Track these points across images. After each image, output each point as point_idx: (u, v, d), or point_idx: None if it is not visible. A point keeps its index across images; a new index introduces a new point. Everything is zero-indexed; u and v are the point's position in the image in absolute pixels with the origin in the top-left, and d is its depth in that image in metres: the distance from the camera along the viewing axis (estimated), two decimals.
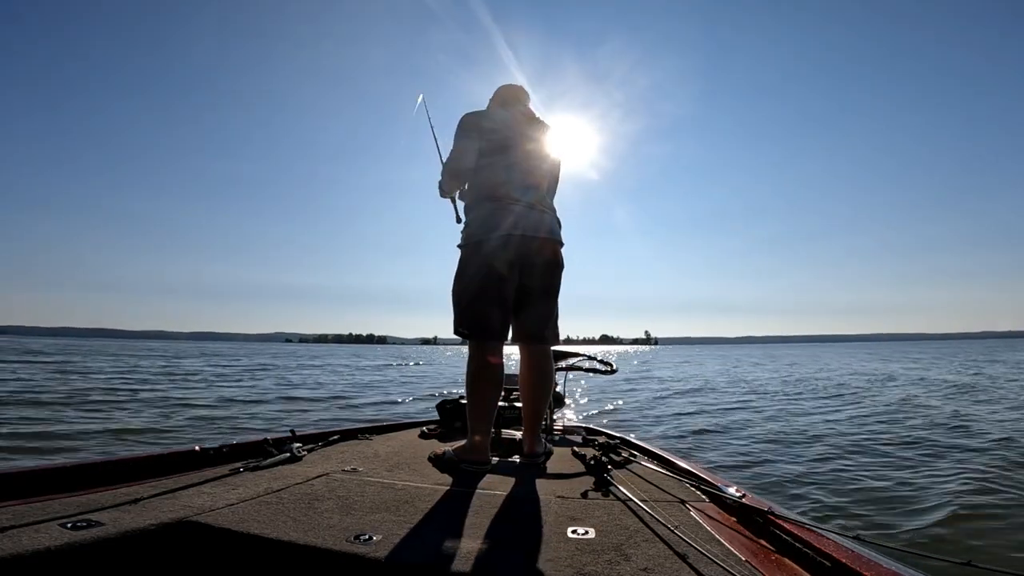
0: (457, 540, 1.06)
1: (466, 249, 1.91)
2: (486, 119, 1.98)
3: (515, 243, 1.84)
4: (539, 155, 2.00)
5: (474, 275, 1.86)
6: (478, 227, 1.87)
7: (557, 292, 1.99)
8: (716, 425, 6.35)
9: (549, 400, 2.04)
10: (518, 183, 1.90)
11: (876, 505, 3.16)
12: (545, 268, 1.93)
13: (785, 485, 3.60)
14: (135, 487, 1.31)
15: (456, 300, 1.90)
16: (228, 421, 6.53)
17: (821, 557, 0.94)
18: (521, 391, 2.00)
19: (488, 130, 1.94)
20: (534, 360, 1.95)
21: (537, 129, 2.04)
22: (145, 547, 1.01)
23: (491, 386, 1.83)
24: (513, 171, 1.91)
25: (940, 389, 10.54)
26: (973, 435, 5.33)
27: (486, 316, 1.83)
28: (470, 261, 1.88)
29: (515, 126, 1.98)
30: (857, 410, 7.58)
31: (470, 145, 1.92)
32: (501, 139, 1.93)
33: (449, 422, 2.60)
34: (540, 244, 1.89)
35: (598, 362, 2.97)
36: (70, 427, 5.53)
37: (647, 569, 0.93)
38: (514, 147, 1.94)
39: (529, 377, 1.94)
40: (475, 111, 1.99)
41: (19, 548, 0.86)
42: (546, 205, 1.98)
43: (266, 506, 1.22)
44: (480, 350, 1.83)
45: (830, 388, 11.31)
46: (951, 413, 6.83)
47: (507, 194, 1.87)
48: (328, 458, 1.79)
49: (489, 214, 1.86)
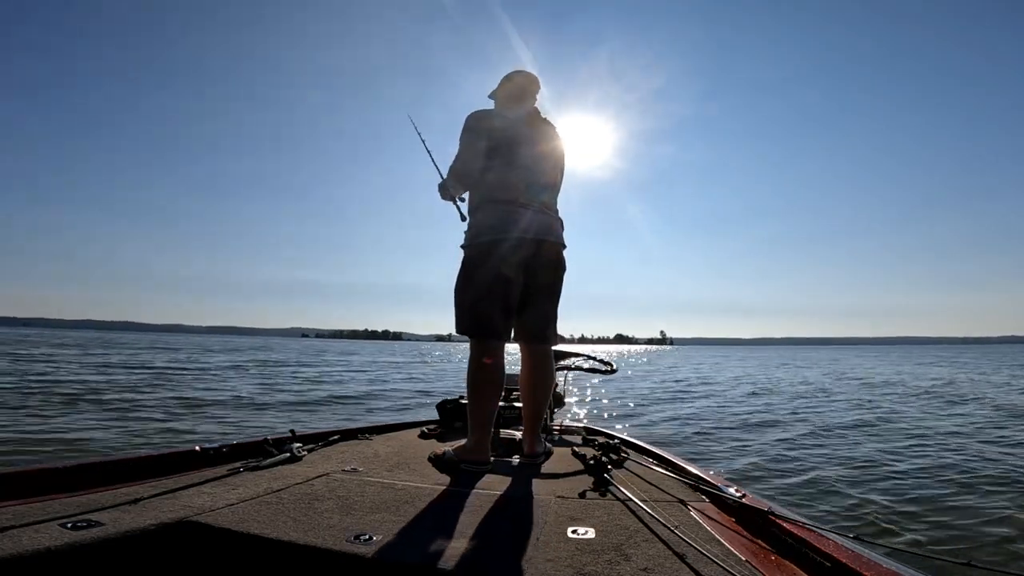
0: (457, 540, 1.06)
1: (471, 250, 1.89)
2: (493, 119, 1.95)
3: (525, 246, 1.84)
4: (546, 156, 1.99)
5: (481, 277, 1.85)
6: (486, 229, 1.86)
7: (558, 293, 1.99)
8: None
9: (549, 400, 2.04)
10: (526, 185, 1.89)
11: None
12: (549, 270, 1.93)
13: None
14: (135, 487, 1.31)
15: (459, 300, 1.89)
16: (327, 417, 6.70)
17: (821, 557, 0.94)
18: (521, 391, 2.00)
19: (495, 130, 1.91)
20: (536, 360, 1.95)
21: (544, 129, 2.03)
22: (145, 547, 1.01)
23: (492, 386, 1.83)
24: (520, 173, 1.89)
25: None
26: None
27: (490, 317, 1.83)
28: (477, 263, 1.87)
29: (523, 127, 1.96)
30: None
31: (477, 147, 1.90)
32: (508, 140, 1.91)
33: (449, 422, 2.60)
34: (547, 247, 1.90)
35: (598, 362, 2.97)
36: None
37: (647, 569, 0.93)
38: (521, 148, 1.92)
39: (530, 377, 1.94)
40: (481, 110, 1.97)
41: (19, 548, 0.86)
42: (551, 207, 1.97)
43: (266, 506, 1.22)
44: (482, 351, 1.83)
45: (948, 399, 9.68)
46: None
47: (515, 197, 1.87)
48: (328, 458, 1.79)
49: (497, 216, 1.85)
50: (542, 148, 1.98)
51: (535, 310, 1.93)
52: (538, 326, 1.94)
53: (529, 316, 1.92)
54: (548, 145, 2.01)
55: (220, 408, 7.27)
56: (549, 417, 2.70)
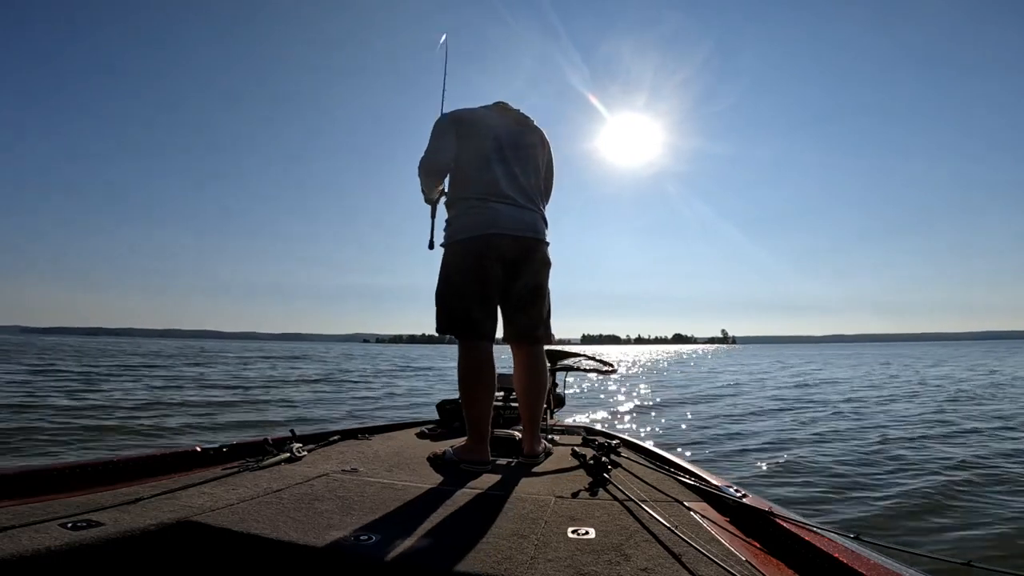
0: (457, 540, 1.06)
1: (449, 248, 1.88)
2: (462, 113, 1.94)
3: (498, 242, 1.81)
4: (525, 153, 1.95)
5: (459, 276, 1.84)
6: (463, 227, 1.84)
7: (544, 291, 1.97)
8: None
9: (545, 399, 2.03)
10: (502, 181, 1.86)
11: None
12: (532, 268, 1.90)
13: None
14: (135, 487, 1.31)
15: (439, 300, 1.88)
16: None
17: (821, 557, 0.94)
18: (516, 392, 1.99)
19: (468, 124, 1.90)
20: (526, 361, 1.94)
21: (524, 127, 2.00)
22: (145, 547, 1.01)
23: (482, 386, 1.81)
24: (496, 168, 1.86)
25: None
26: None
27: (469, 316, 1.81)
28: (454, 261, 1.85)
29: (499, 124, 1.93)
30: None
31: (447, 141, 1.88)
32: (484, 135, 1.89)
33: (449, 422, 2.60)
34: (525, 243, 1.87)
35: (598, 362, 2.97)
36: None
37: (647, 569, 0.93)
38: (498, 144, 1.89)
39: (522, 378, 1.94)
40: (456, 109, 1.96)
41: (19, 548, 0.86)
42: (533, 204, 1.93)
43: (266, 506, 1.22)
44: (467, 350, 1.82)
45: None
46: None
47: (490, 192, 1.84)
48: (328, 458, 1.79)
49: (473, 213, 1.83)
50: (521, 144, 1.95)
51: (521, 310, 1.91)
52: (526, 326, 1.92)
53: (516, 316, 1.91)
54: (525, 139, 1.97)
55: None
56: (549, 417, 2.70)
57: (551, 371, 2.85)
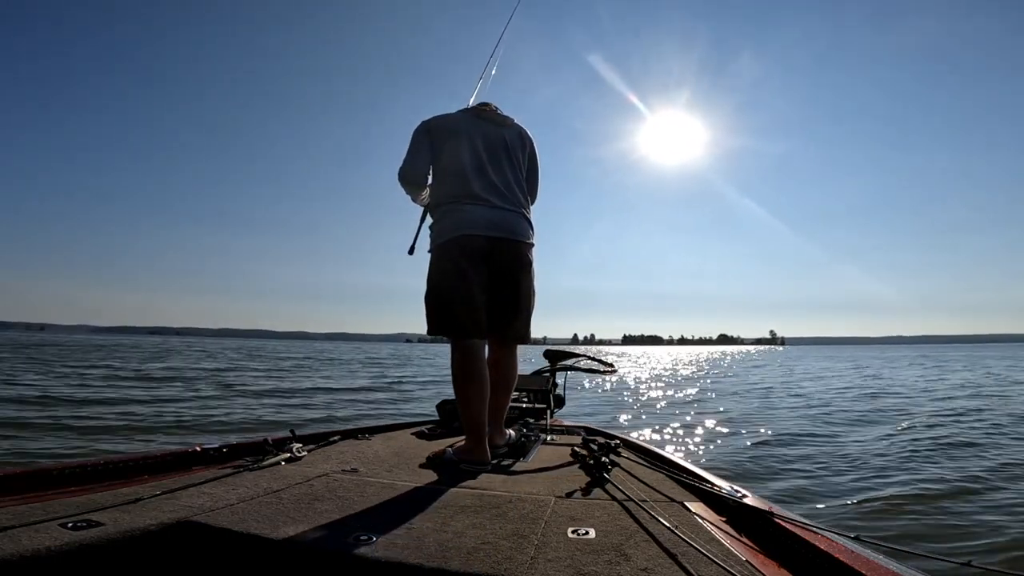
0: (457, 540, 1.06)
1: (434, 253, 1.93)
2: (440, 121, 1.99)
3: (471, 243, 1.85)
4: (502, 154, 1.98)
5: (439, 276, 1.88)
6: (439, 230, 1.90)
7: (520, 291, 1.98)
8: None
9: (511, 395, 2.09)
10: (475, 183, 1.90)
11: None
12: (512, 268, 1.94)
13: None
14: (135, 487, 1.31)
15: (425, 303, 1.93)
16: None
17: (821, 557, 0.94)
18: (489, 386, 2.02)
19: (442, 130, 1.95)
20: (492, 357, 1.98)
21: (502, 127, 2.03)
22: (145, 547, 1.01)
23: (475, 386, 1.84)
24: (470, 171, 1.90)
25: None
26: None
27: (454, 317, 1.85)
28: (436, 263, 1.91)
29: (474, 127, 1.97)
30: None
31: (420, 148, 1.95)
32: (458, 140, 1.93)
33: (449, 422, 2.60)
34: (499, 243, 1.90)
35: (598, 362, 2.97)
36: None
37: (647, 569, 0.93)
38: (472, 147, 1.93)
39: (491, 374, 1.96)
40: (431, 117, 2.02)
41: (19, 548, 0.86)
42: (510, 204, 1.96)
43: (266, 506, 1.22)
44: (455, 350, 1.86)
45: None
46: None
47: (464, 194, 1.88)
48: (328, 458, 1.79)
49: (447, 215, 1.88)
50: (494, 143, 1.98)
51: (500, 308, 1.94)
52: (502, 324, 1.96)
53: (495, 314, 1.94)
54: (502, 140, 2.00)
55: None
56: (549, 417, 2.70)
57: (551, 371, 2.85)
